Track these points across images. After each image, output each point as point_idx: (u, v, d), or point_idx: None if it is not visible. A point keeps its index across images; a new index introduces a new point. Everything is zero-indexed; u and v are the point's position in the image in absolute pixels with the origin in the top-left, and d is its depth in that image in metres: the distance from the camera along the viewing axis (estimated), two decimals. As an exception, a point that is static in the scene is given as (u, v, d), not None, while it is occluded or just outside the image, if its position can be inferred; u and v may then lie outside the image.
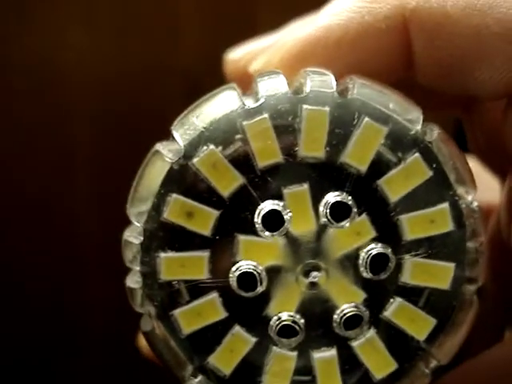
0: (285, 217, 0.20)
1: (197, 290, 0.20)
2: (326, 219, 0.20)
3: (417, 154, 0.20)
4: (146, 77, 0.49)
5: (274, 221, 0.20)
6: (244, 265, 0.20)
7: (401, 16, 0.22)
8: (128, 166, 0.23)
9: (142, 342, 0.28)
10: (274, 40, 0.25)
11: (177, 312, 0.20)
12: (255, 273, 0.20)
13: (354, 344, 0.20)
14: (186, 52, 0.48)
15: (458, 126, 0.27)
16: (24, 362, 0.52)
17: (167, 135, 0.21)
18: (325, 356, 0.20)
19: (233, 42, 0.27)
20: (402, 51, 0.22)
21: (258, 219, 0.20)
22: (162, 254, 0.20)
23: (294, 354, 0.20)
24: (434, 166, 0.20)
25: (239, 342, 0.20)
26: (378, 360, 0.20)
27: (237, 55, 0.26)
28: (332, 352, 0.20)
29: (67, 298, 0.52)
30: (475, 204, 0.21)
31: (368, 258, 0.20)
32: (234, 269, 0.20)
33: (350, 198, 0.20)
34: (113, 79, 0.49)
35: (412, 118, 0.21)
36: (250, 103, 0.20)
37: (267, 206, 0.20)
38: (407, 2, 0.22)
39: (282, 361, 0.20)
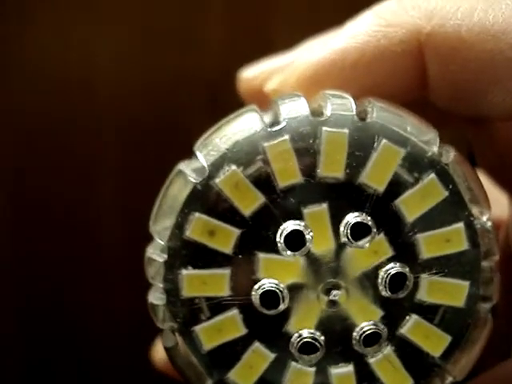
0: (306, 237, 0.20)
1: (218, 306, 0.21)
2: (346, 239, 0.20)
3: (433, 175, 0.21)
4: (168, 88, 0.49)
5: (295, 241, 0.20)
6: (266, 283, 0.20)
7: (416, 40, 0.22)
8: (150, 175, 0.23)
9: (156, 355, 0.28)
10: (289, 59, 0.25)
11: (198, 328, 0.21)
12: (278, 291, 0.20)
13: (371, 360, 0.21)
14: (209, 64, 0.48)
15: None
16: (24, 361, 0.52)
17: (189, 148, 0.21)
18: (342, 372, 0.21)
19: (253, 55, 0.27)
20: (417, 74, 0.23)
21: (280, 239, 0.20)
22: (184, 272, 0.21)
23: (313, 369, 0.21)
24: (450, 186, 0.21)
25: (259, 358, 0.21)
26: (394, 376, 0.21)
27: (251, 74, 0.26)
28: (349, 368, 0.21)
29: (92, 306, 0.52)
30: (489, 224, 0.21)
31: (387, 277, 0.20)
32: (256, 287, 0.20)
33: (369, 218, 0.20)
34: (136, 91, 0.49)
35: (428, 139, 0.21)
36: (271, 124, 0.21)
37: (289, 226, 0.20)
38: (422, 26, 0.22)
39: (300, 376, 0.21)
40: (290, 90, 0.23)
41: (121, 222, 0.50)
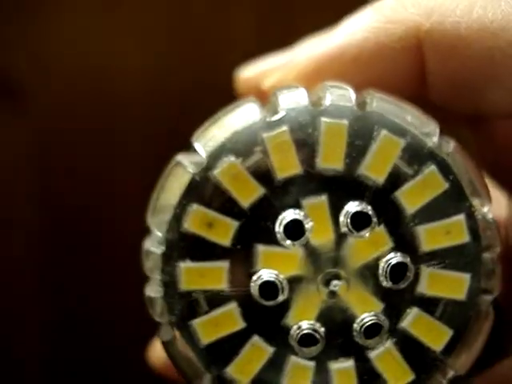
0: (306, 226, 0.20)
1: (216, 300, 0.21)
2: (346, 228, 0.20)
3: (433, 167, 0.21)
4: (191, 84, 0.49)
5: (295, 230, 0.20)
6: (265, 273, 0.20)
7: (415, 37, 0.22)
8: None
9: (153, 356, 0.28)
10: (287, 58, 0.25)
11: (195, 322, 0.21)
12: (277, 281, 0.20)
13: (372, 355, 0.21)
14: (233, 53, 0.48)
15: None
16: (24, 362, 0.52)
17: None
18: (342, 366, 0.21)
19: (280, 45, 0.27)
20: (416, 71, 0.23)
21: (279, 228, 0.20)
22: (182, 264, 0.20)
23: (312, 363, 0.21)
24: (450, 178, 0.21)
25: (257, 352, 0.21)
26: (395, 371, 0.21)
27: (248, 73, 0.26)
28: (350, 363, 0.21)
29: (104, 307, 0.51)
30: (490, 216, 0.21)
31: (388, 267, 0.20)
32: (255, 278, 0.20)
33: (369, 207, 0.20)
34: (156, 95, 0.49)
35: (428, 131, 0.21)
36: (269, 114, 0.21)
37: (288, 215, 0.20)
38: (421, 23, 0.22)
39: (300, 371, 0.21)
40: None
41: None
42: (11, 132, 0.49)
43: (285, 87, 0.22)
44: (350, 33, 0.23)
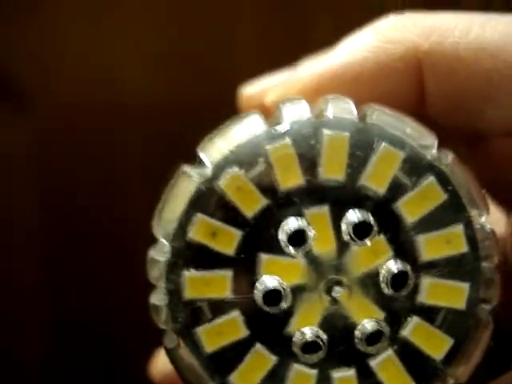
0: (308, 234, 0.20)
1: (219, 308, 0.21)
2: (348, 237, 0.20)
3: (432, 178, 0.21)
4: (195, 93, 0.49)
5: (297, 237, 0.20)
6: (269, 280, 0.21)
7: (414, 58, 0.23)
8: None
9: (155, 369, 0.28)
10: (289, 76, 0.25)
11: (199, 330, 0.21)
12: (280, 287, 0.20)
13: (373, 363, 0.21)
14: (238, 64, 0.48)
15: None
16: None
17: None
18: (344, 375, 0.21)
19: (286, 55, 0.27)
20: (416, 91, 0.23)
21: (282, 236, 0.21)
22: (187, 273, 0.21)
23: (315, 371, 0.21)
24: (449, 189, 0.21)
25: (260, 360, 0.21)
26: (396, 379, 0.21)
27: (252, 90, 0.27)
28: (351, 371, 0.21)
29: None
30: (488, 226, 0.21)
31: (388, 274, 0.21)
32: (258, 284, 0.21)
33: (370, 216, 0.20)
34: (156, 95, 0.49)
35: (427, 143, 0.21)
36: (273, 126, 0.21)
37: (291, 223, 0.20)
38: (420, 44, 0.23)
39: (302, 379, 0.21)
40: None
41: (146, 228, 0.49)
42: (11, 132, 0.49)
43: (288, 100, 0.22)
44: (350, 52, 0.24)
